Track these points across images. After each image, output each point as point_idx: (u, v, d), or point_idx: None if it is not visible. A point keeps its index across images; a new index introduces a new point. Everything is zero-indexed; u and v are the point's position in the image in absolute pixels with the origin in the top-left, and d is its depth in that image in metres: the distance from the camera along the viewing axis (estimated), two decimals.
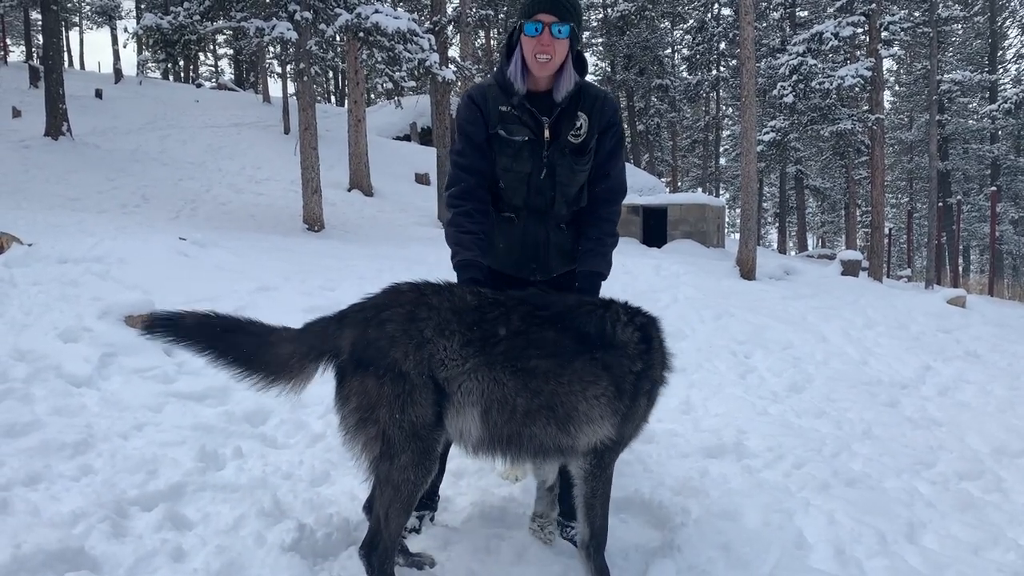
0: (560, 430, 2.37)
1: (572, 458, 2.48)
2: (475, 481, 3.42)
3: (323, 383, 4.51)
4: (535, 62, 2.70)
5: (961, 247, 32.11)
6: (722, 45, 31.62)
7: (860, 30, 18.13)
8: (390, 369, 2.24)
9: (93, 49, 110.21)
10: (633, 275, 9.65)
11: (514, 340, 2.33)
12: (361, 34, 11.65)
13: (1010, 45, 36.11)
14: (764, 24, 28.03)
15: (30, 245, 6.85)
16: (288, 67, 19.85)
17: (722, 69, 32.68)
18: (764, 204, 38.70)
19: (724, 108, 35.69)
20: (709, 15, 32.29)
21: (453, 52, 16.93)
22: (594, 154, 2.87)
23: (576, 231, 2.95)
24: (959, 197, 29.29)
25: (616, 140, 2.91)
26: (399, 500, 2.31)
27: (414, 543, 2.79)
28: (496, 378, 2.31)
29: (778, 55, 22.36)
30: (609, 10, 33.62)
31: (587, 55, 2.95)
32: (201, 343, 2.39)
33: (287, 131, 21.77)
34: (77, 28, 47.26)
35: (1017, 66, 35.05)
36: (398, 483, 2.29)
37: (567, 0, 2.69)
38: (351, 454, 2.36)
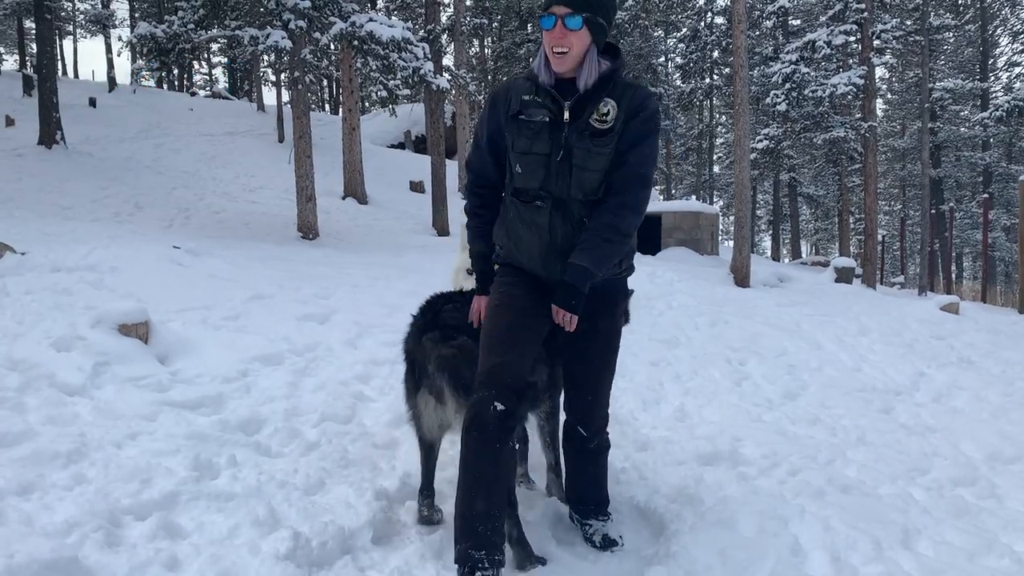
0: None
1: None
2: None
3: (315, 390, 4.51)
4: (553, 56, 2.66)
5: (954, 254, 32.23)
6: (715, 53, 31.75)
7: (852, 38, 18.24)
8: None
9: (87, 58, 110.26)
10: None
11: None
12: (356, 43, 11.66)
13: (1001, 53, 36.30)
14: (757, 33, 28.16)
15: (23, 254, 6.83)
16: (282, 75, 19.90)
17: (715, 77, 32.81)
18: (758, 212, 38.82)
19: (717, 116, 35.79)
20: (702, 24, 32.41)
21: (447, 60, 16.98)
22: (618, 139, 2.71)
23: None
24: (951, 204, 29.44)
25: (645, 127, 2.73)
26: (559, 432, 3.25)
27: (411, 546, 2.79)
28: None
29: (771, 63, 22.46)
30: None
31: None
32: None
33: (281, 139, 21.77)
34: (71, 37, 47.18)
35: (1008, 74, 35.27)
36: (557, 421, 3.30)
37: None
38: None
